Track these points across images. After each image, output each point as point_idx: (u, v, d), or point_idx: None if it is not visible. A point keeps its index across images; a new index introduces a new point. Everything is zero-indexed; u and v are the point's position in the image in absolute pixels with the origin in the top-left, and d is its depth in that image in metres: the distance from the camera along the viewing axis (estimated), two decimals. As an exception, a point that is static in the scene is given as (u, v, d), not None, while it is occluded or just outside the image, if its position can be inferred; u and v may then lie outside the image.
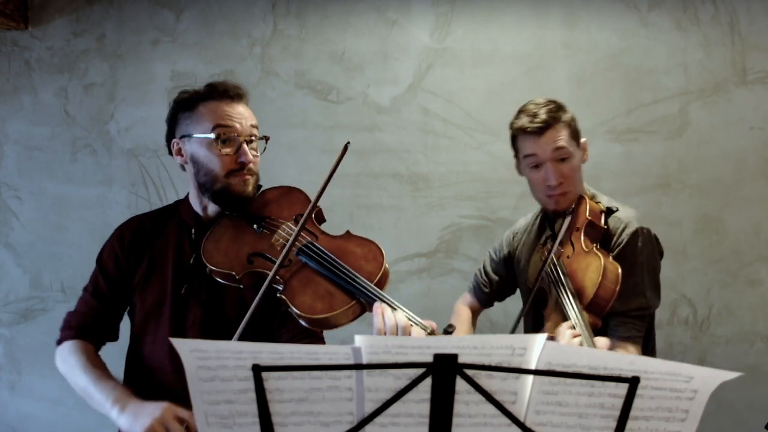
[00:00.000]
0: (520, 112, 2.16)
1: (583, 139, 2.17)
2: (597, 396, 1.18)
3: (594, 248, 2.01)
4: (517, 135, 2.16)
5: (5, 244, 3.67)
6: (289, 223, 1.87)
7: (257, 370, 1.16)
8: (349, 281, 1.72)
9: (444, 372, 1.15)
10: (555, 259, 2.05)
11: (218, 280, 1.84)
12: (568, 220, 2.08)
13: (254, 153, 1.91)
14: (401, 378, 1.16)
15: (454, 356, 1.14)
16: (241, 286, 1.82)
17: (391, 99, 3.39)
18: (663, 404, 1.18)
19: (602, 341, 1.83)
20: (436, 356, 1.14)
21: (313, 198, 1.81)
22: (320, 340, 1.89)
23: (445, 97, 3.35)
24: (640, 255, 2.03)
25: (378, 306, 1.66)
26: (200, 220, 1.96)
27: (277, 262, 1.73)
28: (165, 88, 3.50)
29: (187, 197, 2.00)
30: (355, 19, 3.41)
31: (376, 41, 3.41)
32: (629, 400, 1.17)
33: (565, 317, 1.89)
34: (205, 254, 1.83)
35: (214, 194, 1.90)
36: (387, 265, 1.78)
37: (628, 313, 1.99)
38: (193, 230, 1.94)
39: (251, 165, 1.88)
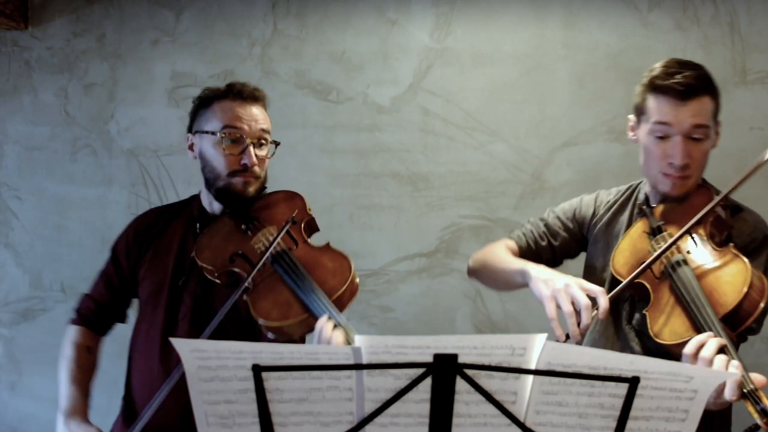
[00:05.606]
0: (662, 66, 1.78)
1: (719, 119, 1.80)
2: (597, 396, 1.18)
3: (731, 248, 1.65)
4: (649, 92, 1.79)
5: (5, 244, 3.67)
6: (271, 228, 1.89)
7: (257, 370, 1.16)
8: (307, 293, 1.72)
9: (444, 372, 1.15)
10: (675, 253, 1.66)
11: (206, 275, 1.87)
12: (696, 213, 1.68)
13: (260, 155, 1.93)
14: (401, 378, 1.16)
15: (454, 356, 1.14)
16: (218, 282, 1.86)
17: (391, 99, 3.39)
18: (663, 404, 1.18)
19: (759, 379, 1.46)
20: (436, 356, 1.14)
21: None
22: None
23: (445, 97, 3.35)
24: None
25: (321, 321, 1.66)
26: (206, 215, 2.00)
27: (255, 267, 1.76)
28: (165, 88, 3.49)
29: (200, 192, 2.05)
30: (355, 19, 3.41)
31: (376, 41, 3.40)
32: (629, 400, 1.17)
33: (695, 326, 1.55)
34: (197, 249, 1.88)
35: (216, 191, 1.94)
36: (357, 281, 1.79)
37: (746, 334, 1.61)
38: (198, 224, 1.97)
39: (255, 168, 1.90)
